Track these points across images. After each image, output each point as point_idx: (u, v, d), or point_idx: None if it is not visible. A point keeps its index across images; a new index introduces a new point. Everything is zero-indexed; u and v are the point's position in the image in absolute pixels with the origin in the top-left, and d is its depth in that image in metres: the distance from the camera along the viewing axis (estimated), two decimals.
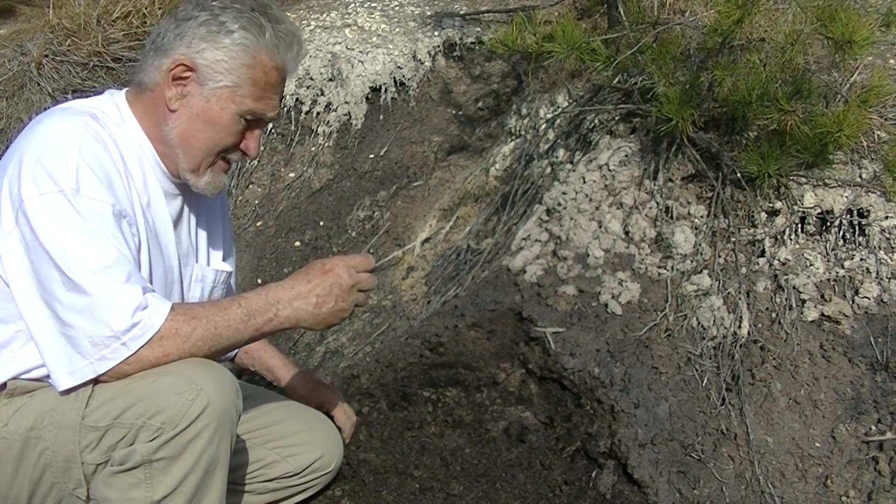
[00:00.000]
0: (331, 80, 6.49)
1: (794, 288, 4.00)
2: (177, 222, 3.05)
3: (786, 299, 3.98)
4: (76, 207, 2.61)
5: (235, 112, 2.86)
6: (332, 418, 3.57)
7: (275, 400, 3.52)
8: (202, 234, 3.21)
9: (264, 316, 2.80)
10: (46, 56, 7.29)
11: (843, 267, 4.06)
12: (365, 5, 6.99)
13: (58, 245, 2.59)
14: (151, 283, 2.88)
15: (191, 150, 2.89)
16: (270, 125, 6.34)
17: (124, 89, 3.00)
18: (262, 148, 6.15)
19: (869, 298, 3.96)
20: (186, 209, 3.09)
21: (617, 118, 4.66)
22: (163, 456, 2.59)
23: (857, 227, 4.11)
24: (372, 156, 6.15)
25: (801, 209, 4.15)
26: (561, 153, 4.89)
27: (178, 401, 2.58)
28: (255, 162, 6.37)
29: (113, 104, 2.93)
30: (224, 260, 3.34)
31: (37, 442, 2.68)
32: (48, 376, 2.69)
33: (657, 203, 4.27)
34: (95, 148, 2.73)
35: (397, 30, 6.70)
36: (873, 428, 3.71)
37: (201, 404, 2.59)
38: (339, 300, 2.89)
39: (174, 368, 2.62)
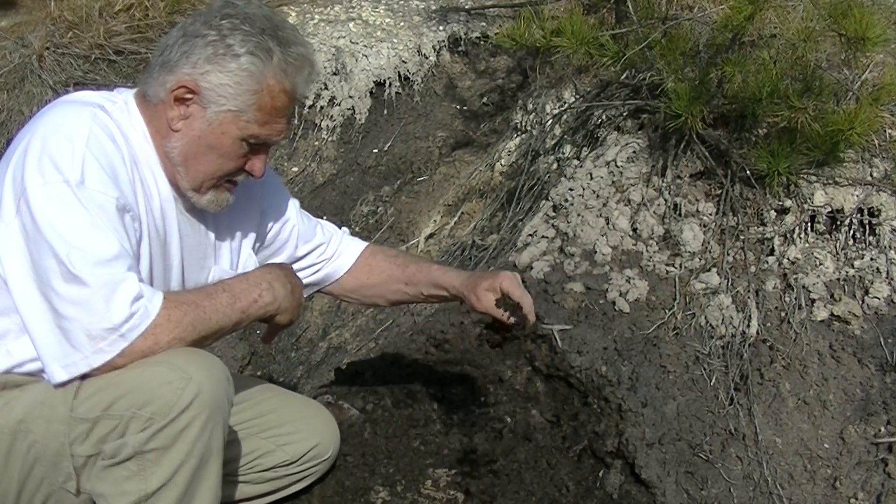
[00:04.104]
0: (335, 74, 6.46)
1: (803, 287, 3.98)
2: (191, 222, 3.01)
3: (795, 298, 3.96)
4: (80, 199, 2.59)
5: (238, 137, 2.82)
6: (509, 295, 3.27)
7: (268, 389, 3.50)
8: (225, 235, 3.16)
9: (249, 297, 2.81)
10: (48, 48, 7.24)
11: (853, 266, 4.03)
12: None
13: (59, 235, 2.57)
14: (151, 281, 2.86)
15: (192, 171, 2.86)
16: None
17: (134, 90, 2.97)
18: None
19: (879, 298, 3.94)
20: (203, 211, 3.05)
21: (625, 114, 4.63)
22: (154, 447, 2.57)
23: (867, 227, 4.09)
24: (376, 151, 6.13)
25: (811, 208, 4.13)
26: (567, 149, 4.86)
27: (168, 390, 2.56)
28: None
29: (122, 101, 2.90)
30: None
31: (26, 435, 2.66)
32: (41, 370, 2.67)
33: (665, 200, 4.24)
34: (103, 140, 2.71)
35: (402, 24, 6.67)
36: (882, 429, 3.69)
37: (191, 393, 2.57)
38: (301, 294, 3.02)
39: (163, 358, 2.60)
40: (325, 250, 3.43)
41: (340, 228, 3.55)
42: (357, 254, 3.48)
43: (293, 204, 3.42)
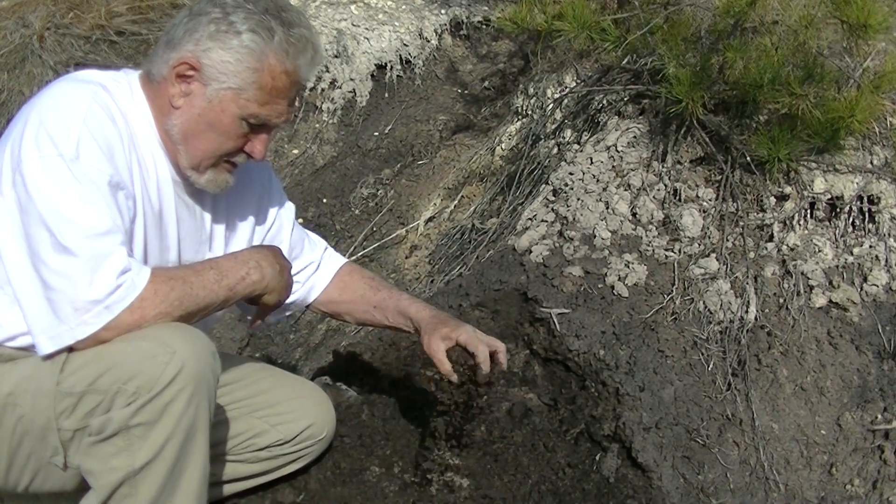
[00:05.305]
0: (336, 56, 6.46)
1: (802, 274, 3.98)
2: (188, 206, 3.02)
3: (794, 285, 3.96)
4: (73, 173, 2.61)
5: (238, 115, 2.82)
6: (467, 350, 3.24)
7: (263, 369, 3.51)
8: (220, 223, 3.17)
9: (236, 275, 2.82)
10: (49, 29, 7.23)
11: (851, 254, 4.03)
12: None
13: (51, 207, 2.59)
14: (146, 261, 2.86)
15: (191, 149, 2.87)
16: None
17: (139, 71, 2.97)
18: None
19: (877, 286, 3.94)
20: (204, 194, 3.05)
21: (626, 99, 4.62)
22: (140, 421, 2.58)
23: (866, 214, 4.09)
24: (376, 133, 6.13)
25: (810, 194, 4.12)
26: (568, 133, 4.85)
27: (152, 364, 2.57)
28: None
29: (126, 82, 2.91)
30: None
31: (13, 408, 2.67)
32: (33, 345, 2.68)
33: (665, 185, 4.24)
34: (101, 118, 2.72)
35: (403, 7, 6.67)
36: (879, 416, 3.69)
37: (176, 367, 2.58)
38: (289, 276, 3.02)
39: (148, 332, 2.61)
40: (310, 266, 3.45)
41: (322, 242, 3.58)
42: (335, 270, 3.50)
43: (291, 213, 3.44)
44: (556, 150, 4.84)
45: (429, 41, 6.47)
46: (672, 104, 4.16)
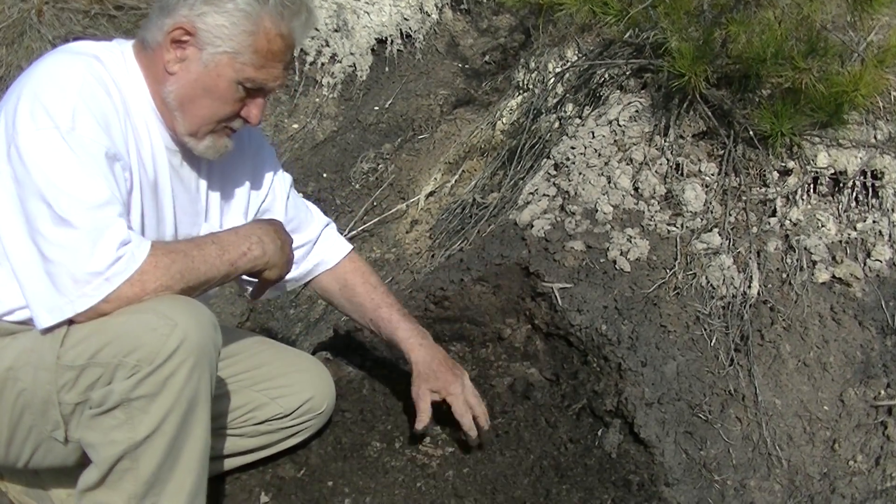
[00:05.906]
0: (336, 30, 6.44)
1: (805, 249, 3.96)
2: (182, 177, 3.01)
3: (797, 260, 3.94)
4: (70, 145, 2.60)
5: (234, 79, 2.81)
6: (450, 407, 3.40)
7: (262, 342, 3.51)
8: (215, 194, 3.16)
9: (238, 250, 2.82)
10: (47, 3, 7.20)
11: (855, 229, 4.02)
12: None
13: (48, 180, 2.58)
14: (144, 232, 2.85)
15: (188, 115, 2.86)
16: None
17: (131, 40, 2.96)
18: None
19: (881, 261, 3.93)
20: (198, 165, 3.04)
21: (628, 73, 4.60)
22: (141, 394, 2.58)
23: (870, 189, 4.08)
24: (377, 108, 6.12)
25: (813, 169, 4.10)
26: (570, 108, 4.83)
27: (154, 337, 2.56)
28: None
29: (119, 52, 2.91)
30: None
31: (14, 383, 2.67)
32: (31, 319, 2.67)
33: (667, 160, 4.22)
34: (96, 90, 2.71)
35: None
36: (882, 392, 3.69)
37: (177, 339, 2.58)
38: (290, 250, 3.02)
39: (149, 305, 2.61)
40: (305, 246, 3.44)
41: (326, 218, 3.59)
42: (336, 259, 3.51)
43: (285, 184, 3.42)
44: (557, 125, 4.82)
45: (429, 15, 6.45)
46: (674, 78, 4.14)
